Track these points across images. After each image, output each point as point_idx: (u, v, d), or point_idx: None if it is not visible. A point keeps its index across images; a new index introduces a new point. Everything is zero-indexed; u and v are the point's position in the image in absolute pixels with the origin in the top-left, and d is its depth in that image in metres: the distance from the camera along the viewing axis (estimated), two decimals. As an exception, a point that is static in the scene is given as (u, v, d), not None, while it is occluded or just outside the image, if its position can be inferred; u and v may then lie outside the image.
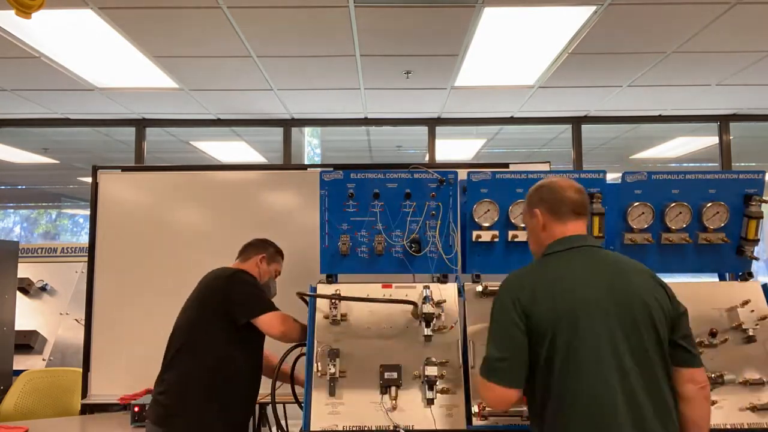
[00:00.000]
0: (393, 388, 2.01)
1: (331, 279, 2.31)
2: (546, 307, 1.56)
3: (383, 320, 2.11)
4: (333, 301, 2.15)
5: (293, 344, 2.34)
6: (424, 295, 2.13)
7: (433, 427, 1.97)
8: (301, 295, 2.22)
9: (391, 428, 1.96)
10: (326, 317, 2.15)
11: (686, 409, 1.59)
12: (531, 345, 1.57)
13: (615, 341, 1.52)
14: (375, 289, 2.20)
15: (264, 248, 2.57)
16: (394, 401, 1.99)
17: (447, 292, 2.19)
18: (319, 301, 2.19)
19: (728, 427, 1.99)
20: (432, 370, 2.00)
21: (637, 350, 1.53)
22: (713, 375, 2.01)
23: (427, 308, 2.07)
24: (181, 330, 2.33)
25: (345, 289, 2.20)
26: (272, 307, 2.30)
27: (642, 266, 1.69)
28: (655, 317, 1.57)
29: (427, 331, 2.06)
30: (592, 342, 1.52)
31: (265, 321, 2.25)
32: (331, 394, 2.02)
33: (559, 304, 1.56)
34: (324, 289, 2.23)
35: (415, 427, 1.97)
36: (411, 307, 2.11)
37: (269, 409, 2.48)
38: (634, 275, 1.63)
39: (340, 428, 1.98)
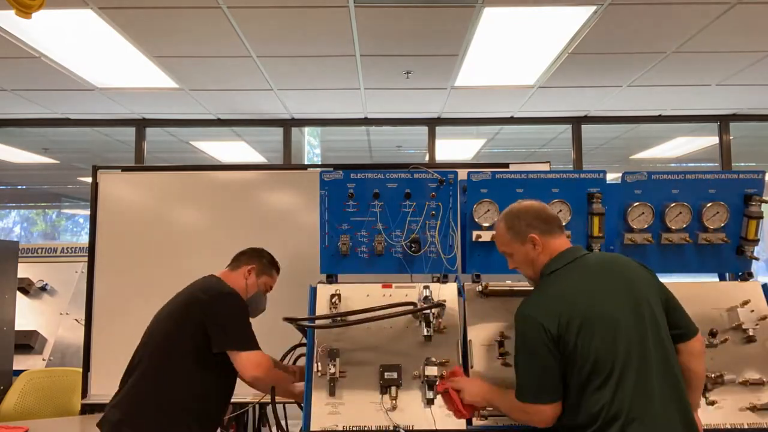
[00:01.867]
0: (393, 388, 2.01)
1: (331, 279, 2.31)
2: (578, 330, 1.63)
3: (383, 321, 2.11)
4: (333, 300, 2.15)
5: (294, 344, 2.34)
6: (424, 295, 2.13)
7: (433, 427, 1.97)
8: (293, 321, 2.14)
9: (391, 428, 1.96)
10: (326, 315, 2.14)
11: (689, 363, 1.75)
12: (567, 366, 1.65)
13: (646, 347, 1.63)
14: (375, 290, 2.20)
15: (256, 259, 2.39)
16: (394, 401, 1.99)
17: (447, 292, 2.19)
18: (319, 301, 2.19)
19: (728, 426, 1.99)
20: (432, 370, 2.00)
21: (658, 347, 1.65)
22: (713, 375, 2.01)
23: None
24: (153, 340, 2.19)
25: (344, 290, 2.20)
26: (253, 345, 2.11)
27: (628, 260, 1.81)
28: (659, 308, 1.71)
29: (427, 331, 2.06)
30: (628, 353, 1.61)
31: (240, 359, 2.07)
32: (331, 394, 2.02)
33: (575, 315, 1.64)
34: (324, 289, 2.23)
35: (415, 427, 1.97)
36: (411, 308, 2.11)
37: (269, 409, 2.47)
38: (631, 274, 1.75)
39: (340, 428, 1.97)
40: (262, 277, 2.38)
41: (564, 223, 2.19)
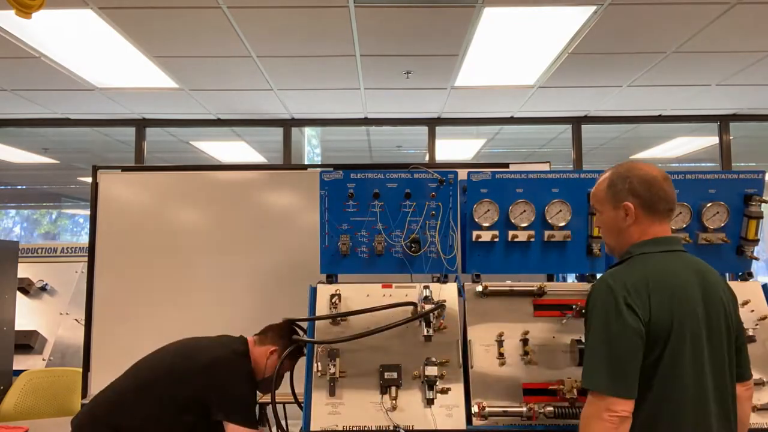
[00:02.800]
0: (393, 388, 2.00)
1: (331, 279, 2.31)
2: (662, 314, 1.47)
3: (383, 320, 2.10)
4: (333, 300, 2.15)
5: (293, 345, 2.34)
6: (424, 294, 2.13)
7: (433, 427, 1.97)
8: (296, 339, 2.20)
9: (391, 428, 1.96)
10: (326, 315, 2.14)
11: (741, 406, 1.63)
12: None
13: (710, 358, 1.52)
14: (375, 289, 2.20)
15: (282, 340, 2.25)
16: (394, 401, 1.98)
17: (447, 291, 2.19)
18: (319, 301, 2.19)
19: (728, 427, 1.98)
20: (432, 370, 2.00)
21: (719, 366, 1.53)
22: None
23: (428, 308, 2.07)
24: (141, 398, 2.09)
25: (344, 290, 2.20)
26: (253, 424, 2.06)
27: (718, 275, 1.65)
28: (731, 333, 1.58)
29: (427, 331, 2.06)
30: (694, 358, 1.49)
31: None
32: (331, 394, 2.02)
33: (673, 313, 1.48)
34: (324, 289, 2.23)
35: (415, 427, 1.96)
36: (411, 307, 2.11)
37: (269, 409, 2.47)
38: (718, 286, 1.60)
39: (340, 428, 1.97)
40: (285, 362, 2.24)
41: (564, 224, 2.20)
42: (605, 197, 1.67)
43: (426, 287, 2.16)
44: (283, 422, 2.44)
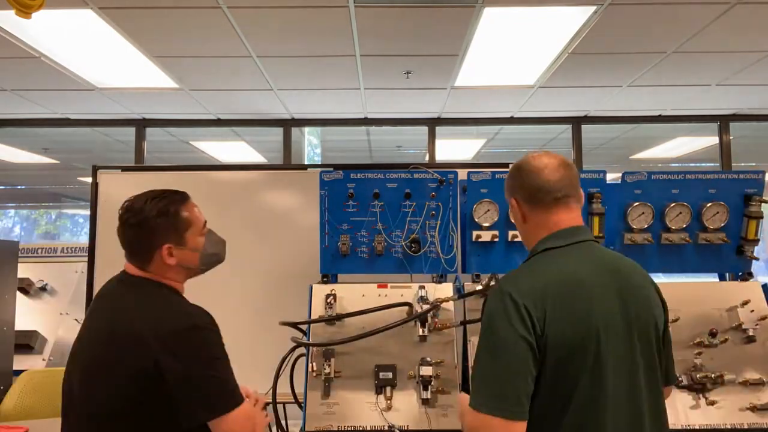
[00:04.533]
0: (388, 388, 2.01)
1: (327, 280, 2.31)
2: (564, 323, 1.28)
3: (378, 320, 2.11)
4: (328, 301, 2.15)
5: (294, 345, 2.33)
6: (420, 295, 2.14)
7: (428, 427, 1.97)
8: (294, 340, 2.11)
9: (386, 428, 1.96)
10: (321, 317, 2.14)
11: None
12: (539, 368, 1.28)
13: (634, 366, 1.33)
14: (370, 290, 2.20)
15: (152, 230, 1.56)
16: (389, 401, 1.99)
17: (443, 292, 2.19)
18: (314, 301, 2.19)
19: (728, 426, 1.99)
20: (427, 371, 2.00)
21: (648, 371, 1.36)
22: (713, 375, 2.01)
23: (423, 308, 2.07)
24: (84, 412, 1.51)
25: (340, 290, 2.20)
26: (239, 399, 1.48)
27: (640, 269, 1.47)
28: (657, 334, 1.40)
29: (422, 331, 2.06)
30: (615, 368, 1.30)
31: (227, 424, 1.44)
32: (326, 394, 2.02)
33: (578, 320, 1.29)
34: (319, 289, 2.23)
35: (410, 427, 1.97)
36: (406, 307, 2.11)
37: (270, 408, 2.47)
38: (639, 283, 1.42)
39: (335, 428, 1.98)
40: (190, 230, 1.64)
41: (564, 223, 2.19)
42: (505, 193, 1.56)
43: (422, 287, 2.17)
44: (283, 422, 2.44)
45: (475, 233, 2.23)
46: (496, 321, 1.31)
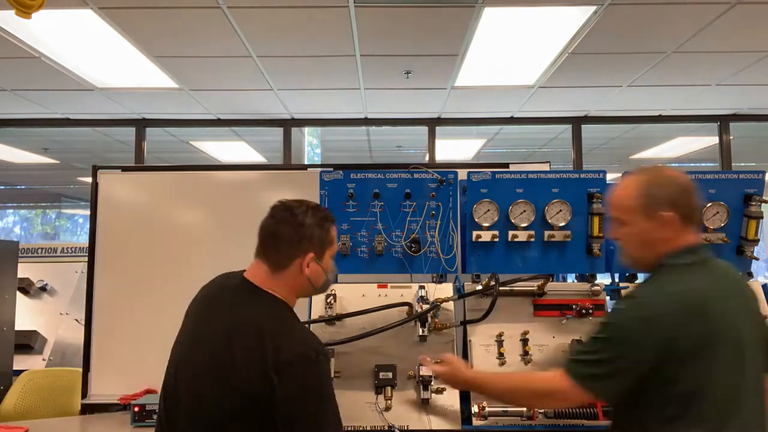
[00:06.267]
0: (388, 388, 2.00)
1: (327, 279, 2.31)
2: (701, 333, 1.36)
3: (378, 320, 2.10)
4: (328, 300, 2.15)
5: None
6: (420, 295, 2.14)
7: (428, 428, 1.97)
8: None
9: (386, 428, 1.96)
10: (321, 317, 2.15)
11: None
12: (671, 369, 1.36)
13: (758, 375, 1.43)
14: (370, 290, 2.20)
15: (306, 236, 1.53)
16: (388, 401, 1.99)
17: (443, 292, 2.19)
18: (314, 301, 2.19)
19: (728, 427, 1.98)
20: (427, 371, 2.00)
21: (759, 382, 1.44)
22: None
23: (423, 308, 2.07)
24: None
25: (340, 290, 2.20)
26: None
27: (742, 276, 1.60)
28: (764, 345, 1.48)
29: (422, 331, 2.06)
30: (746, 373, 1.39)
31: None
32: (327, 394, 2.02)
33: (717, 332, 1.37)
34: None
35: (410, 427, 1.96)
36: (406, 307, 2.11)
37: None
38: (752, 296, 1.52)
39: (337, 428, 1.97)
40: (329, 250, 1.60)
41: (564, 224, 2.20)
42: (635, 206, 1.49)
43: (422, 287, 2.17)
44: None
45: (475, 233, 2.23)
46: (620, 332, 1.40)
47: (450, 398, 2.01)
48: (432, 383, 1.99)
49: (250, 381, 1.37)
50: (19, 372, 3.44)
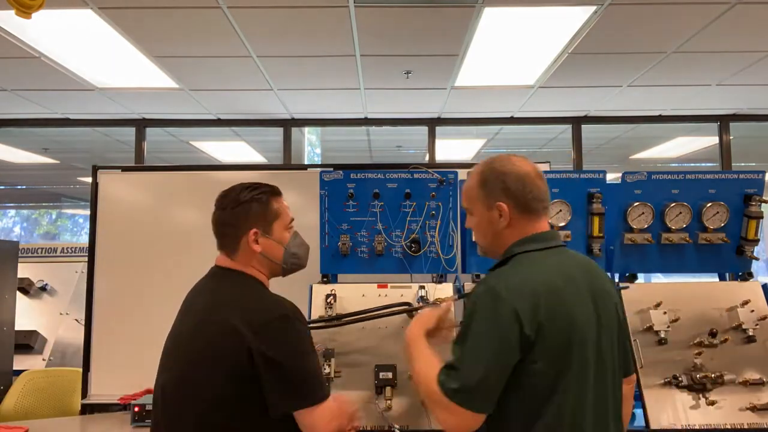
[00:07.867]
0: (388, 389, 2.01)
1: (327, 279, 2.31)
2: (555, 324, 1.32)
3: (378, 320, 2.11)
4: (328, 301, 2.15)
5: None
6: (420, 295, 2.14)
7: (428, 427, 1.97)
8: None
9: (386, 428, 1.96)
10: (321, 317, 2.15)
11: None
12: (525, 364, 1.31)
13: (609, 358, 1.41)
14: (370, 290, 2.20)
15: (242, 214, 1.64)
16: (389, 401, 1.99)
17: (443, 292, 2.19)
18: (314, 301, 2.19)
19: (728, 427, 1.98)
20: None
21: (614, 364, 1.43)
22: (713, 375, 2.01)
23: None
24: (178, 407, 1.48)
25: (340, 290, 2.20)
26: (325, 393, 1.47)
27: (602, 269, 1.56)
28: (620, 328, 1.48)
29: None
30: (596, 363, 1.37)
31: (312, 417, 1.42)
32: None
33: (564, 318, 1.34)
34: (319, 289, 2.23)
35: (410, 427, 1.97)
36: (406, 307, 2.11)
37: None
38: (604, 283, 1.49)
39: (338, 428, 1.97)
40: (277, 220, 1.69)
41: (564, 224, 2.20)
42: (476, 196, 1.50)
43: (422, 287, 2.17)
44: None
45: (475, 233, 2.23)
46: (483, 321, 1.33)
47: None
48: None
49: (233, 355, 1.41)
50: (19, 372, 3.44)
